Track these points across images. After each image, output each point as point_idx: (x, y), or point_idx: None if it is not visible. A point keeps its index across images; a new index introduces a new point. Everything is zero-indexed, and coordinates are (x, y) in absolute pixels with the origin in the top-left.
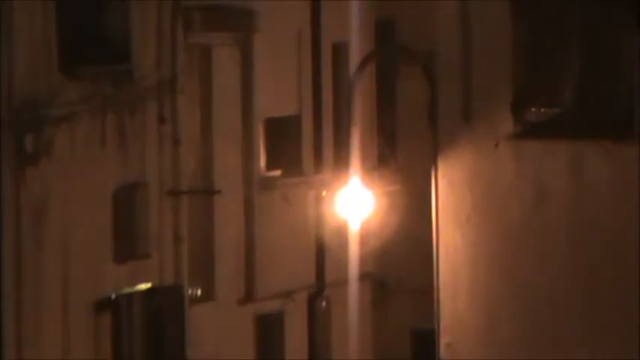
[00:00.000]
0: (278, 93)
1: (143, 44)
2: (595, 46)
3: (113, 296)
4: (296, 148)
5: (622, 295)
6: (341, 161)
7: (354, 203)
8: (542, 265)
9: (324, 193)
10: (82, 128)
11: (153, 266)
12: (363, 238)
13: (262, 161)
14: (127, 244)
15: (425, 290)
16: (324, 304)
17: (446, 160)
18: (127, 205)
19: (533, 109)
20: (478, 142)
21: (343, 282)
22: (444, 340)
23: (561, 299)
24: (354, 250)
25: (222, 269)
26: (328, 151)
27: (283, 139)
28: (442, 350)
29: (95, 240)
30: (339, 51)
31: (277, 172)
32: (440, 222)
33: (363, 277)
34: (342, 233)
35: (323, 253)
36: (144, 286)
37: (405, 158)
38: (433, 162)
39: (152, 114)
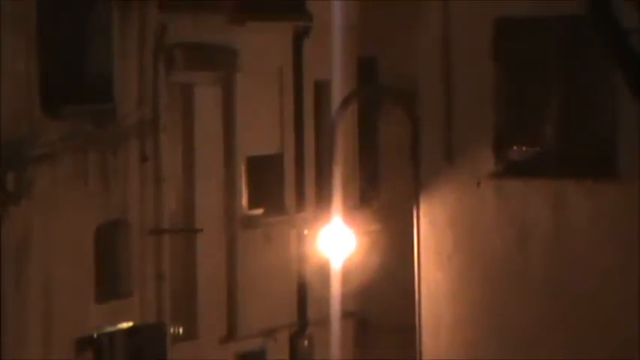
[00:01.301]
0: (260, 131)
1: (125, 83)
2: (575, 86)
3: (95, 335)
4: (278, 187)
5: (603, 331)
6: (323, 200)
7: (336, 242)
8: (523, 303)
9: (306, 231)
10: (64, 167)
11: (135, 305)
12: (345, 277)
13: (244, 200)
14: (109, 282)
15: (407, 328)
16: (306, 342)
17: (428, 199)
18: (108, 243)
19: (514, 147)
20: (460, 181)
21: (325, 320)
22: None
23: (543, 336)
24: (336, 289)
25: (204, 308)
26: (310, 189)
27: (265, 178)
28: None
29: (77, 278)
30: (321, 89)
31: (259, 211)
32: (422, 261)
33: (345, 315)
34: (324, 272)
35: (305, 291)
36: (126, 324)
37: (386, 197)
38: (415, 201)
39: (134, 152)
